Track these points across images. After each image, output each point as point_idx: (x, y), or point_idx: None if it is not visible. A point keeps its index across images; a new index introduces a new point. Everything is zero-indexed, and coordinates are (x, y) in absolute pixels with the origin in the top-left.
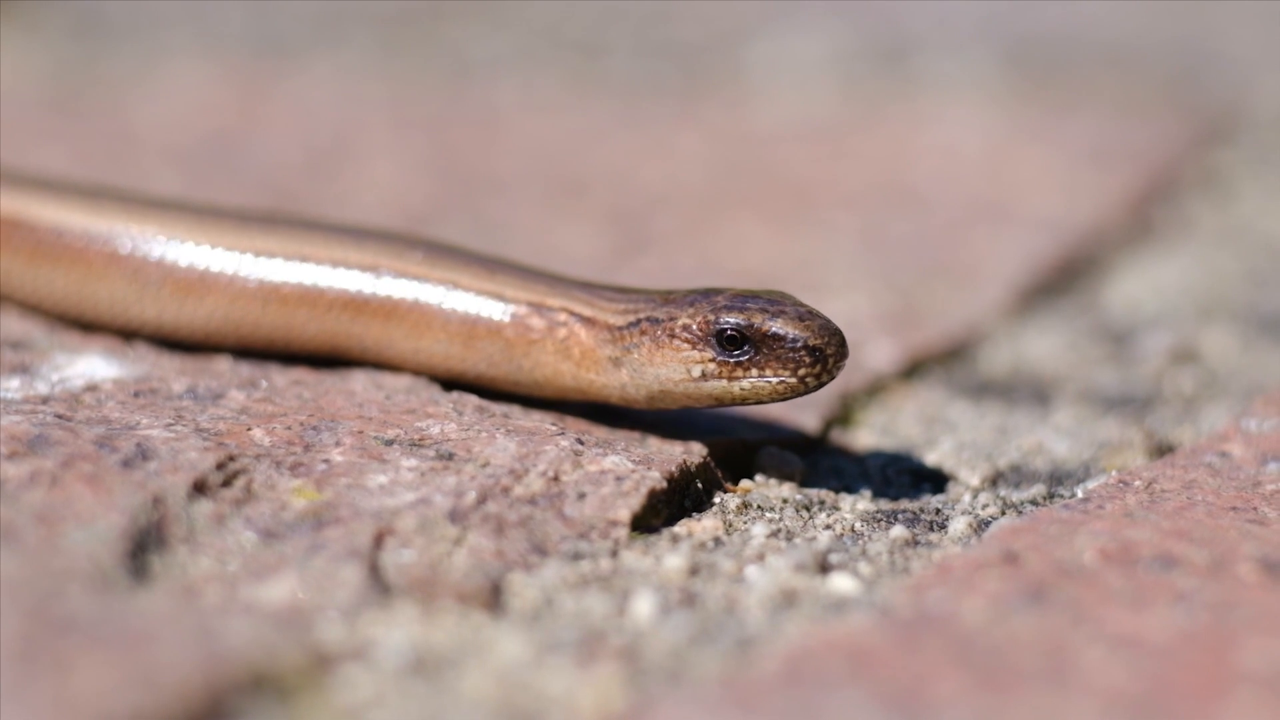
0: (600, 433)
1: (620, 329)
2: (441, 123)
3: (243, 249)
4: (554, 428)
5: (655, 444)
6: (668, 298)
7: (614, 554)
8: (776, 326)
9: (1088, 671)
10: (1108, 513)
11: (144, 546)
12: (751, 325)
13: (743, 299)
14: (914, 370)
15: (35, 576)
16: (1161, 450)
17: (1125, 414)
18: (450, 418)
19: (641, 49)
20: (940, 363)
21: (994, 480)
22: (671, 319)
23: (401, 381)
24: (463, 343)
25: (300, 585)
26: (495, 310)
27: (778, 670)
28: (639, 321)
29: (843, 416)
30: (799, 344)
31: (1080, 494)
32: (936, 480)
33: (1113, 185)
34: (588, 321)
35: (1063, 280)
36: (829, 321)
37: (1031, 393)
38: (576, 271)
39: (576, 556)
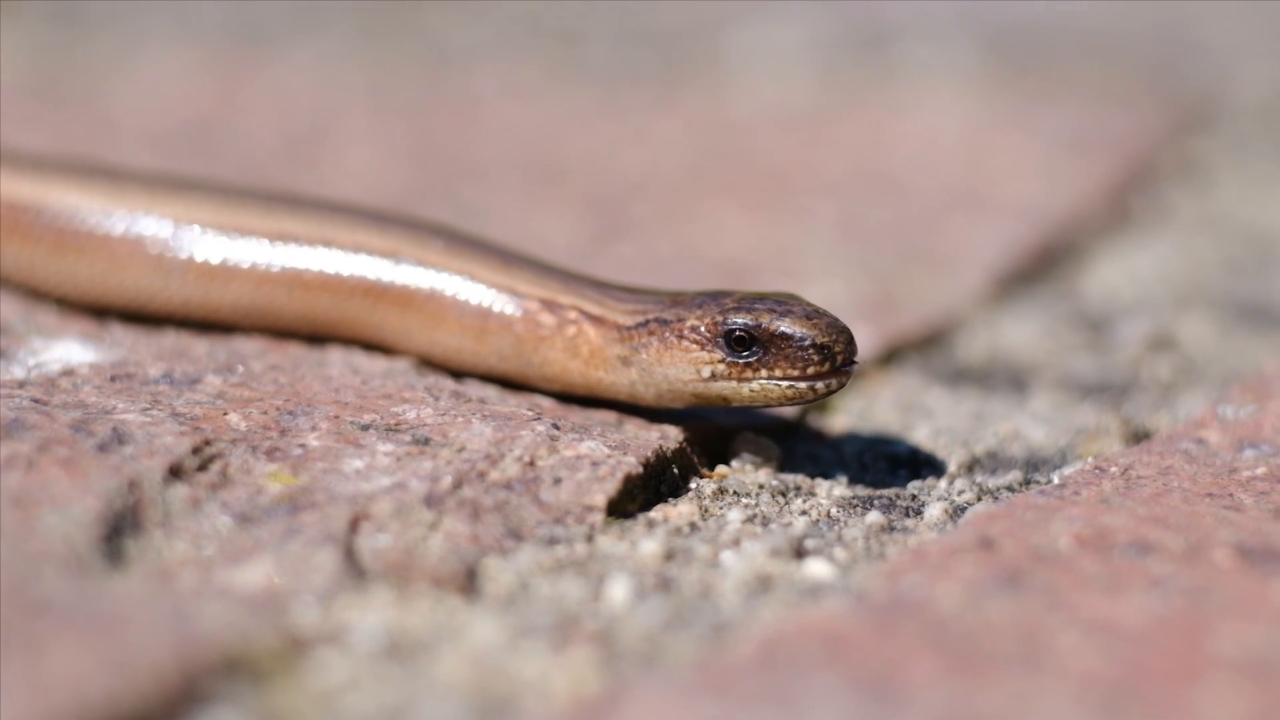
0: (576, 418)
1: (629, 329)
2: (420, 110)
3: (268, 234)
4: (530, 413)
5: (631, 429)
6: (677, 299)
7: (589, 539)
8: (784, 326)
9: (1062, 657)
10: (1084, 499)
11: (119, 530)
12: (760, 325)
13: (751, 300)
14: (891, 357)
15: (10, 560)
16: (1138, 437)
17: (1102, 401)
18: (426, 403)
19: (621, 36)
20: (917, 349)
21: (970, 466)
22: (680, 320)
23: (378, 366)
24: (475, 336)
25: (275, 569)
26: (507, 305)
27: (752, 655)
28: (648, 322)
29: (820, 402)
30: (807, 342)
31: (1056, 480)
32: (913, 466)
33: (1091, 173)
34: (597, 320)
35: (1041, 267)
36: (837, 320)
37: (1008, 379)
38: (554, 258)
39: (552, 541)
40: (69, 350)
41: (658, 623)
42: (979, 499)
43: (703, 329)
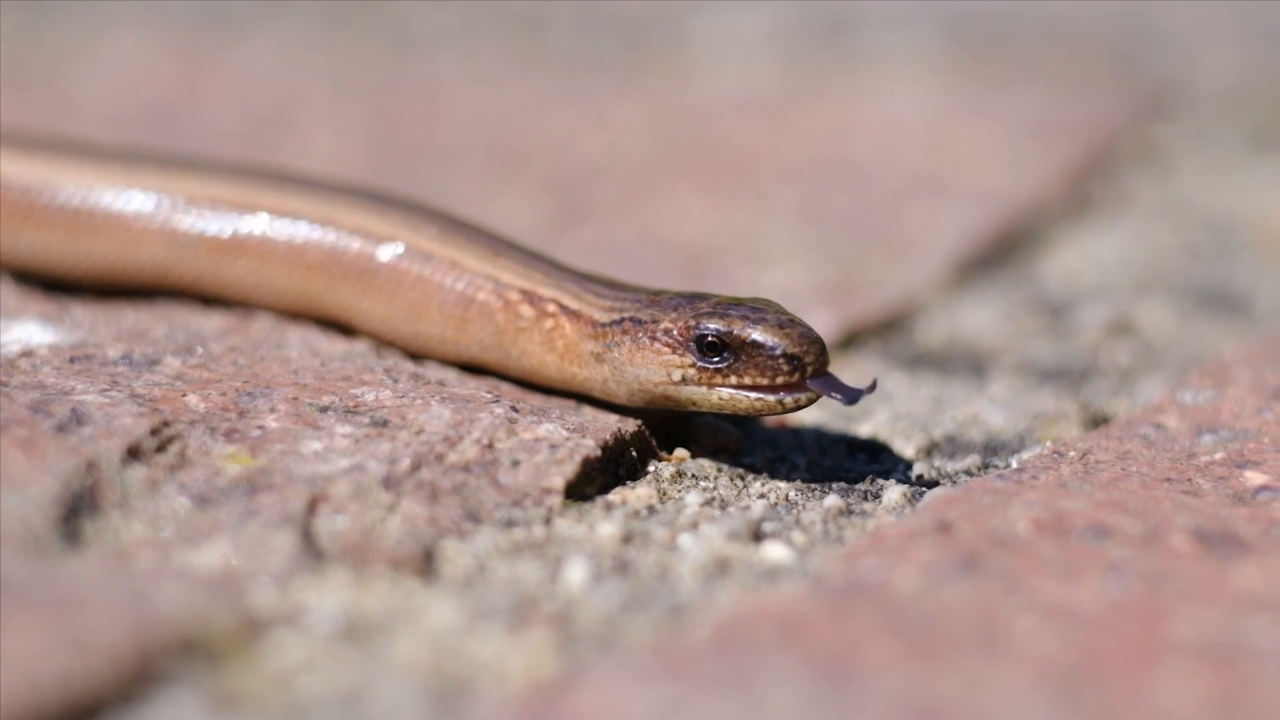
0: (535, 400)
1: (604, 325)
2: (383, 94)
3: (277, 211)
4: (489, 395)
5: (590, 412)
6: (655, 299)
7: (547, 521)
8: (756, 334)
9: (1019, 641)
10: (1042, 483)
11: (76, 511)
12: (731, 332)
13: (726, 306)
14: (850, 341)
15: None
16: (1097, 422)
17: (1061, 386)
18: (385, 385)
19: (584, 22)
20: (877, 334)
21: (929, 451)
22: (655, 321)
23: (337, 348)
24: (457, 325)
25: (233, 551)
26: (490, 294)
27: (709, 638)
28: (622, 320)
29: None
30: (777, 351)
31: (1015, 465)
32: (871, 450)
33: (1052, 159)
34: (574, 315)
35: (1001, 253)
36: (810, 331)
37: (967, 364)
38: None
39: (510, 524)
40: (28, 331)
41: (615, 605)
42: (937, 483)
43: (675, 332)
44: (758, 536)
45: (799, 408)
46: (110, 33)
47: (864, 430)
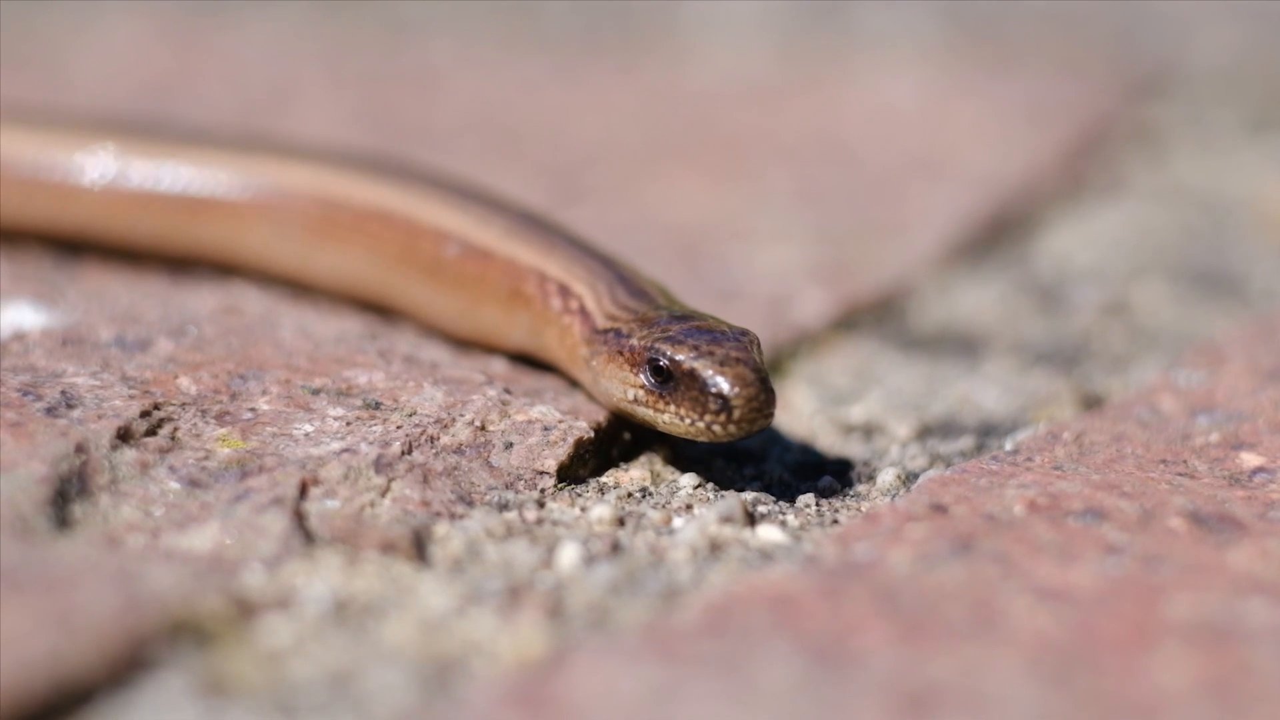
0: (528, 382)
1: (598, 332)
2: (377, 79)
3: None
4: (482, 377)
5: (583, 394)
6: (650, 317)
7: (540, 504)
8: (696, 365)
9: (1014, 623)
10: (1036, 465)
11: (66, 494)
12: (675, 360)
13: (692, 332)
14: (844, 322)
15: None
16: (1091, 403)
17: (1055, 367)
18: (378, 367)
19: (578, 7)
20: (871, 315)
21: (923, 432)
22: (628, 336)
23: (330, 330)
24: (506, 312)
25: (224, 534)
26: (531, 284)
27: (701, 619)
28: (609, 331)
29: (772, 367)
30: (710, 389)
31: (1009, 446)
32: (865, 432)
33: (1047, 141)
34: (585, 316)
35: (995, 235)
36: (754, 375)
37: (961, 346)
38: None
39: (503, 506)
40: (20, 314)
41: (608, 588)
42: (931, 465)
43: (636, 351)
44: (751, 518)
45: (731, 437)
46: (103, 19)
47: (858, 411)
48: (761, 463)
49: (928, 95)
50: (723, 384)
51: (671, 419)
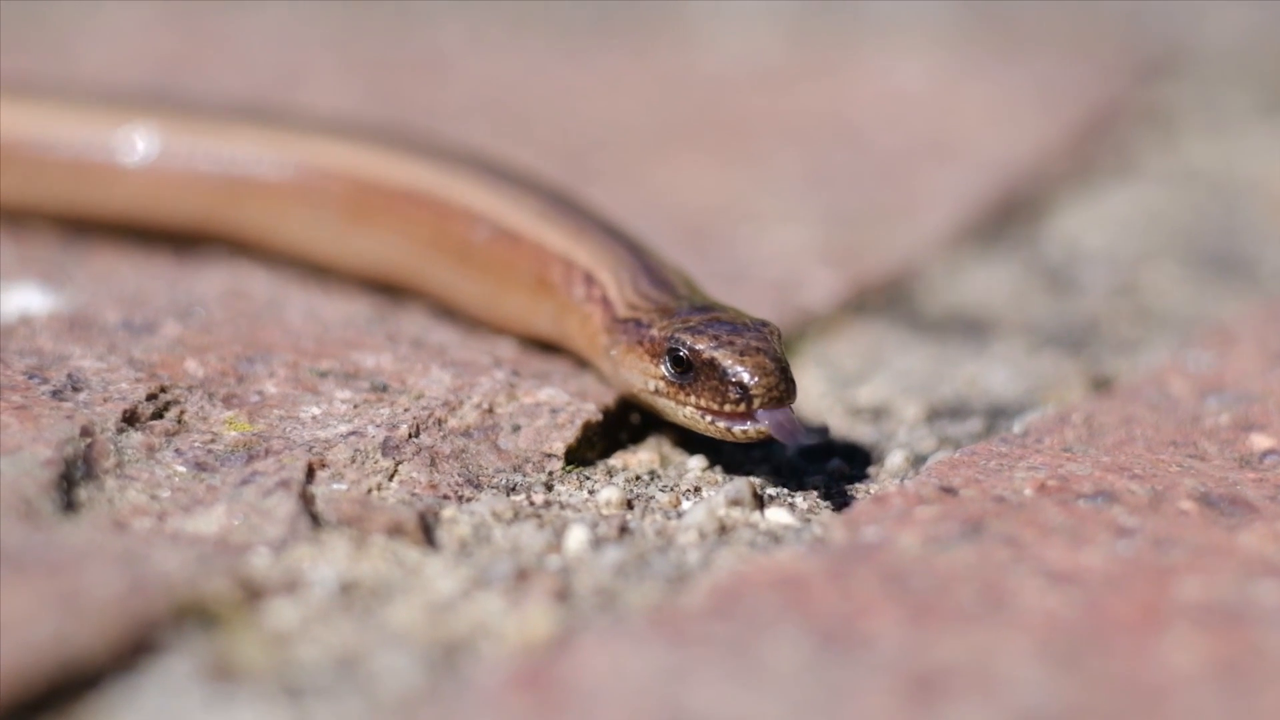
0: (537, 365)
1: (618, 321)
2: (386, 64)
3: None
4: (489, 360)
5: (591, 376)
6: (675, 307)
7: (548, 486)
8: (716, 355)
9: (1024, 605)
10: (1046, 447)
11: (71, 478)
12: (695, 350)
13: (712, 323)
14: (853, 304)
15: None
16: (1100, 385)
17: (1065, 349)
18: (386, 349)
19: None
20: (880, 298)
21: (932, 414)
22: (649, 327)
23: (338, 313)
24: (531, 297)
25: (230, 517)
26: (556, 271)
27: (710, 601)
28: (630, 321)
29: None
30: (729, 377)
31: (1018, 428)
32: (874, 414)
33: (1056, 123)
34: (607, 305)
35: (1004, 217)
36: (774, 364)
37: (970, 328)
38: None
39: (510, 489)
40: (28, 297)
41: (616, 571)
42: (940, 447)
43: (656, 341)
44: (760, 501)
45: (748, 440)
46: (109, 4)
47: (866, 393)
48: (770, 445)
49: (937, 78)
50: (743, 373)
51: (692, 413)
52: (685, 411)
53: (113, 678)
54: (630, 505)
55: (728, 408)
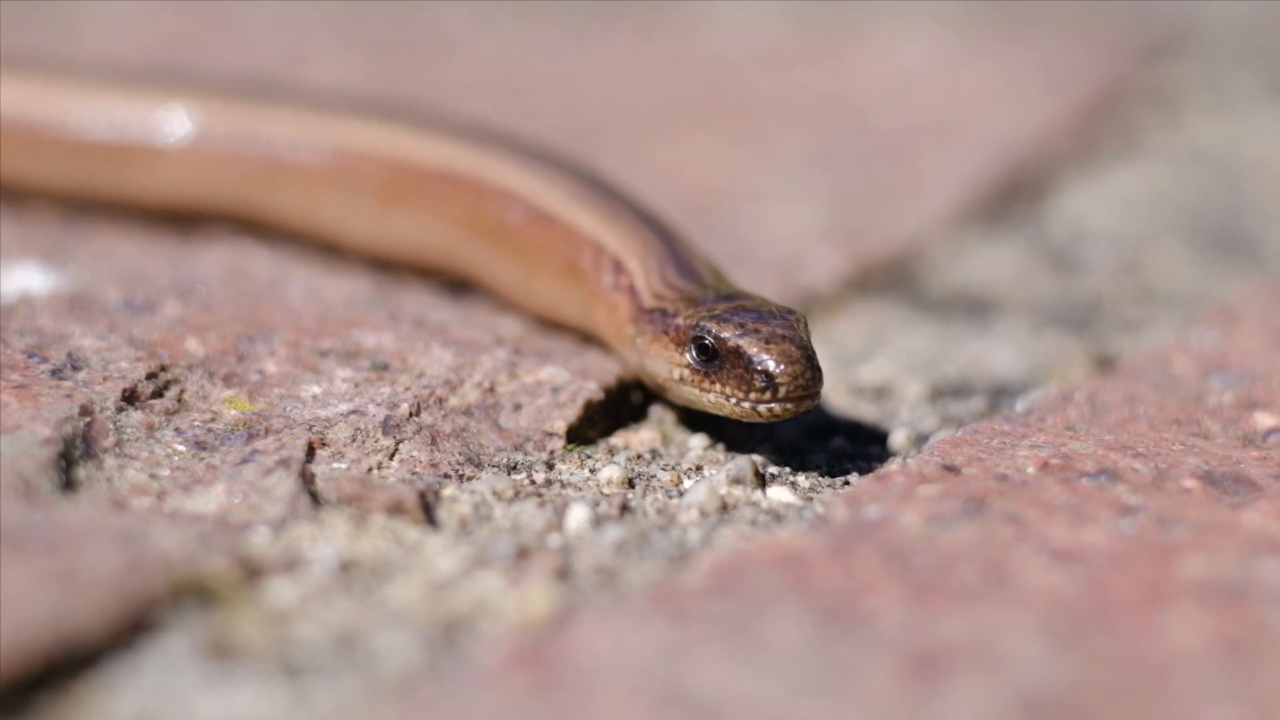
0: (538, 343)
1: (645, 311)
2: (388, 45)
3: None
4: (491, 338)
5: (594, 355)
6: (700, 296)
7: (549, 465)
8: (741, 343)
9: (1026, 583)
10: (1049, 425)
11: (70, 456)
12: (720, 338)
13: (738, 311)
14: (857, 283)
15: None
16: (1104, 364)
17: (1068, 328)
18: (387, 328)
19: None
20: (883, 277)
21: (934, 393)
22: (674, 315)
23: (339, 292)
24: (562, 285)
25: (230, 496)
26: (586, 257)
27: (711, 579)
28: (656, 310)
29: None
30: (755, 366)
31: (1021, 407)
32: (877, 393)
33: (1061, 103)
34: (633, 294)
35: (1008, 197)
36: (800, 353)
37: (974, 307)
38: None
39: (511, 468)
40: (29, 277)
41: (617, 549)
42: (943, 426)
43: (682, 329)
44: (762, 480)
45: (776, 418)
46: None
47: (869, 372)
48: (774, 424)
49: (942, 59)
50: (768, 361)
51: (717, 398)
52: (709, 398)
53: (111, 656)
54: (631, 484)
55: (753, 395)
